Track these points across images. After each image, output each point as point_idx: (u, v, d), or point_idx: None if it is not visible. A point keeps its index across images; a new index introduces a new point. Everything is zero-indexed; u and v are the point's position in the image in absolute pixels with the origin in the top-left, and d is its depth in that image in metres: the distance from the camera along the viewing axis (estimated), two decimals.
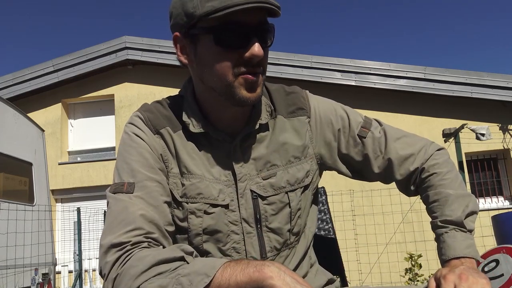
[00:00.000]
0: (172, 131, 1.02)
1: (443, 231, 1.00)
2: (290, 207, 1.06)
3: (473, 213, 1.02)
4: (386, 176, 1.13)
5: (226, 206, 1.01)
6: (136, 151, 0.99)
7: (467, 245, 0.97)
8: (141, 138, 1.01)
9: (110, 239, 0.89)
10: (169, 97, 1.10)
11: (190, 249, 0.87)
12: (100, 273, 0.89)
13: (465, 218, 1.00)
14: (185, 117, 1.02)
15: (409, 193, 1.15)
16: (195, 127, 1.01)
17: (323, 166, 1.14)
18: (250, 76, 0.94)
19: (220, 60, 0.94)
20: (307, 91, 1.16)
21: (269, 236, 1.04)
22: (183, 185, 1.00)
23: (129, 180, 0.96)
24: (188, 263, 0.83)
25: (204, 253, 1.02)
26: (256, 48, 0.92)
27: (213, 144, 1.04)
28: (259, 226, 1.03)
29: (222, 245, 1.02)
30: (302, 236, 1.12)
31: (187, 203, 1.00)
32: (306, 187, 1.09)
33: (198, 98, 1.05)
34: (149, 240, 0.90)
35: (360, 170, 1.15)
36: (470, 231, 1.00)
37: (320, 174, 1.16)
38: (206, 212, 1.00)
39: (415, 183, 1.12)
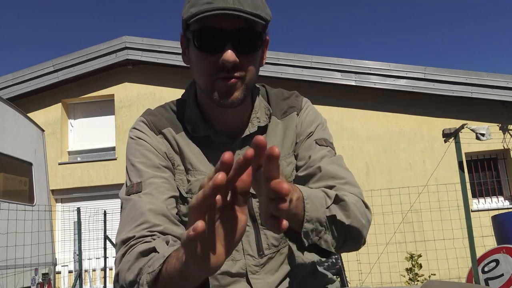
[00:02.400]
0: (175, 132, 1.06)
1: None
2: None
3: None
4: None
5: None
6: (141, 153, 1.03)
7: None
8: (145, 141, 1.05)
9: (120, 236, 0.93)
10: (172, 102, 1.14)
11: (169, 238, 0.89)
12: None
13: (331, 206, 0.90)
14: (186, 121, 1.06)
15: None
16: (195, 131, 1.05)
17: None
18: (224, 81, 0.96)
19: (201, 63, 0.98)
20: (307, 98, 1.19)
21: (265, 234, 1.06)
22: (188, 181, 1.04)
23: (137, 180, 1.00)
24: (158, 252, 0.83)
25: None
26: (228, 53, 0.92)
27: (214, 146, 1.06)
28: (256, 223, 1.05)
29: None
30: None
31: (192, 198, 1.01)
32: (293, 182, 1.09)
33: (199, 100, 1.08)
34: (153, 233, 0.92)
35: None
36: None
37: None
38: None
39: None
